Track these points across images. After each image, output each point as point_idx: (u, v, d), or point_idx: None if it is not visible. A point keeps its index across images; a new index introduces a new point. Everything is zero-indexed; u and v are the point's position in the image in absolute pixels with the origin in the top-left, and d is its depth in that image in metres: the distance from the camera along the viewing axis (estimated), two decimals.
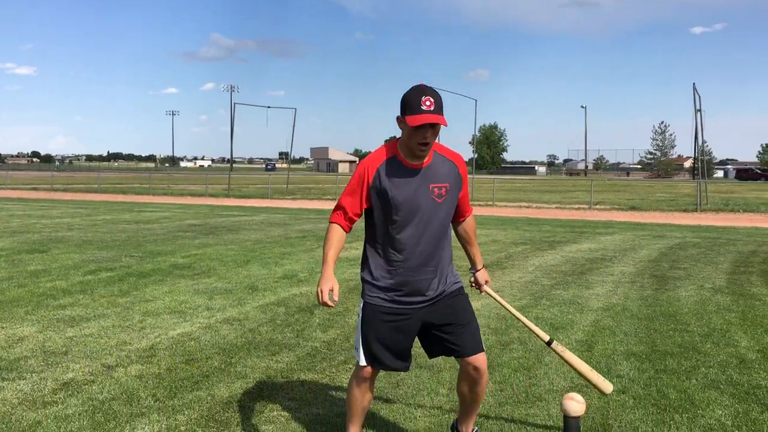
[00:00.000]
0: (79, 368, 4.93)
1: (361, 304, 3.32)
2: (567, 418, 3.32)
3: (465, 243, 3.57)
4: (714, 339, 5.90)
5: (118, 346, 5.52)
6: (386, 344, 3.23)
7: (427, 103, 2.99)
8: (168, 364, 5.05)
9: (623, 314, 6.86)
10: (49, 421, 3.94)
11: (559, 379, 4.74)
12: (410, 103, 3.02)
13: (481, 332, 3.41)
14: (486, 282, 3.65)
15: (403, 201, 3.14)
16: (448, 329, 3.27)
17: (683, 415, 4.12)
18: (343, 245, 3.25)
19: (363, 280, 3.31)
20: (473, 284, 3.68)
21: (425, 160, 3.17)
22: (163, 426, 3.89)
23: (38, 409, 4.13)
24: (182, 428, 3.87)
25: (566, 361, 3.66)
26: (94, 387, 4.54)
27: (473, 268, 3.63)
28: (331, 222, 3.24)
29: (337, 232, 3.21)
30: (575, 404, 3.31)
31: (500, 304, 3.65)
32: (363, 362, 3.25)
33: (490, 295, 3.63)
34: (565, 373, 4.87)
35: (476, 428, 3.67)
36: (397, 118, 3.10)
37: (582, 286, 8.46)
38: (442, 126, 3.04)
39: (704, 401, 4.36)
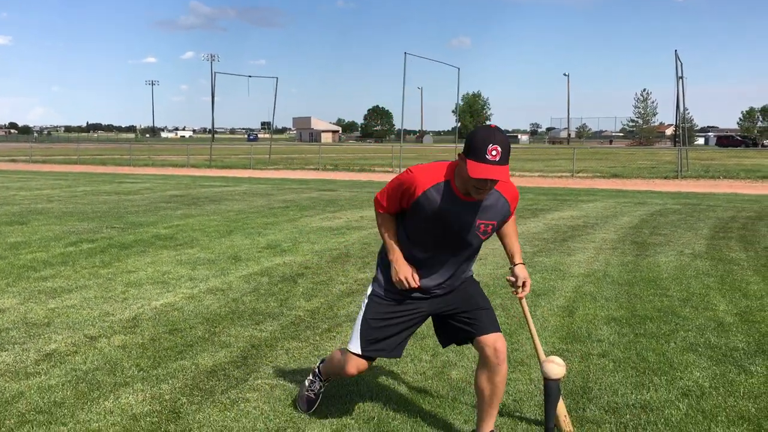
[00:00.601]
0: (61, 339, 4.92)
1: (368, 292, 3.32)
2: (547, 380, 3.36)
3: (503, 237, 3.41)
4: (693, 303, 5.99)
5: (101, 317, 5.50)
6: (386, 334, 3.22)
7: (493, 152, 2.79)
8: (151, 334, 5.04)
9: (604, 280, 6.94)
10: (32, 391, 3.93)
11: (540, 344, 4.78)
12: (476, 146, 2.82)
13: None
14: (524, 284, 3.34)
15: (443, 229, 3.08)
16: (465, 315, 3.26)
17: (662, 377, 4.20)
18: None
19: (376, 272, 3.34)
20: (509, 280, 3.40)
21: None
22: (147, 395, 3.90)
23: (21, 380, 4.12)
24: (166, 397, 3.88)
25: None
26: (77, 357, 4.53)
27: (511, 262, 3.41)
28: (379, 212, 3.25)
29: (388, 219, 3.23)
30: (556, 367, 3.35)
31: (525, 316, 3.56)
32: (358, 351, 3.23)
33: (522, 307, 3.50)
34: (546, 339, 4.93)
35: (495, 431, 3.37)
36: (460, 155, 2.93)
37: (564, 253, 8.53)
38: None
39: (683, 364, 4.43)
